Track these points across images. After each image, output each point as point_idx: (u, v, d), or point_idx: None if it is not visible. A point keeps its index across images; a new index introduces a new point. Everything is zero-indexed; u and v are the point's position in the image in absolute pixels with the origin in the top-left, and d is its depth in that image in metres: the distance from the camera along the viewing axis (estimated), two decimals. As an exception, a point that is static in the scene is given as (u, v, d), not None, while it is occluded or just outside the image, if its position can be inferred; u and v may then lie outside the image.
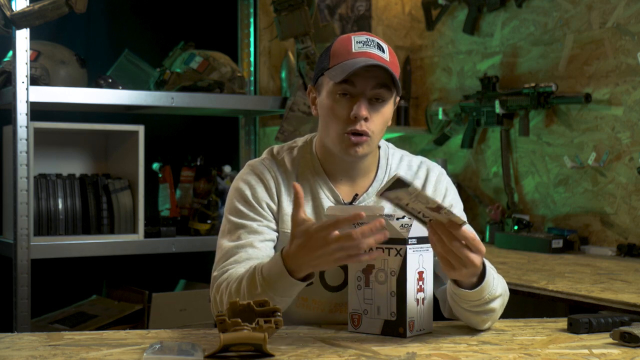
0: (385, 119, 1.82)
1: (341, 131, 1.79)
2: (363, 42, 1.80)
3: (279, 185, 1.86)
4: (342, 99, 1.79)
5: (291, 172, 1.88)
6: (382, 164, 1.91)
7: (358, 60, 1.76)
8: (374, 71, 1.77)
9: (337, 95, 1.80)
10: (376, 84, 1.78)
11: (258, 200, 1.85)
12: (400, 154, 1.95)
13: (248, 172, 1.89)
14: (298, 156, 1.90)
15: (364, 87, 1.78)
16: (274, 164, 1.89)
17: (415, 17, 4.09)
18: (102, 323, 3.08)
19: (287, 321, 1.85)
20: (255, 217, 1.84)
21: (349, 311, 1.76)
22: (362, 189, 1.89)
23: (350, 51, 1.79)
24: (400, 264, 1.70)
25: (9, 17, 2.76)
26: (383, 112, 1.81)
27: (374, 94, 1.79)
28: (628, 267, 2.75)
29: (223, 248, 1.83)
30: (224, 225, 1.87)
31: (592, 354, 1.59)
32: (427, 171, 1.92)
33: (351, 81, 1.77)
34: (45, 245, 2.91)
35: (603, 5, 3.23)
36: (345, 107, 1.79)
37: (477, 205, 3.72)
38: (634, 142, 3.11)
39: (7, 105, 2.90)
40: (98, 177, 3.14)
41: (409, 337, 1.70)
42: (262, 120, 3.80)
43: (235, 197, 1.86)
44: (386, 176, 1.90)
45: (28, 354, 1.55)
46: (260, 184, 1.86)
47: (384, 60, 1.78)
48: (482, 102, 3.59)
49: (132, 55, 3.32)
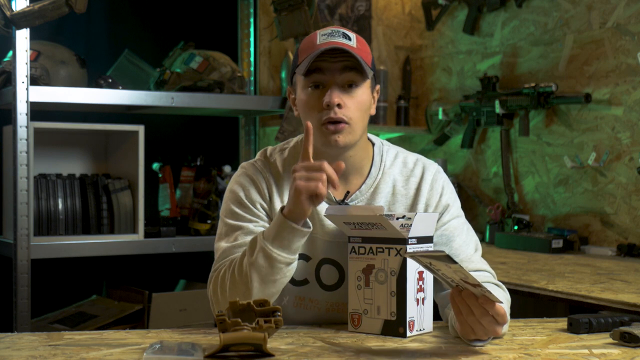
0: (362, 105, 1.81)
1: (318, 123, 1.79)
2: (328, 34, 1.81)
3: (271, 186, 1.87)
4: (315, 91, 1.80)
5: (282, 173, 1.88)
6: (377, 161, 1.90)
7: (321, 48, 1.77)
8: (340, 57, 1.77)
9: (309, 88, 1.81)
10: (343, 67, 1.78)
11: (252, 201, 1.86)
12: (395, 151, 1.94)
13: (241, 174, 1.90)
14: (289, 157, 1.90)
15: (333, 73, 1.78)
16: (265, 166, 1.90)
17: (415, 17, 4.09)
18: (102, 323, 3.08)
19: (285, 322, 1.85)
20: (251, 218, 1.85)
21: (349, 311, 1.77)
22: (355, 187, 1.88)
23: (315, 44, 1.80)
24: (400, 263, 1.70)
25: (9, 17, 2.76)
26: (358, 97, 1.80)
27: (344, 80, 1.79)
28: (628, 267, 2.75)
29: (220, 249, 1.84)
30: (221, 228, 1.88)
31: (592, 354, 1.59)
32: (423, 169, 1.90)
33: (319, 70, 1.79)
34: (45, 245, 2.91)
35: (603, 5, 3.23)
36: (318, 98, 1.80)
37: (477, 205, 3.72)
38: (634, 142, 3.11)
39: (7, 105, 2.90)
40: (98, 177, 3.14)
41: (409, 337, 1.70)
42: (262, 120, 3.80)
43: (230, 200, 1.88)
44: (380, 173, 1.89)
45: (28, 354, 1.55)
46: (252, 185, 1.87)
47: (349, 46, 1.78)
48: (482, 102, 3.59)
49: (132, 55, 3.32)
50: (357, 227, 1.74)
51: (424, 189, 1.88)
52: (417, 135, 4.02)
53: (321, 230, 1.85)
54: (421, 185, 1.88)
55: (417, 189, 1.88)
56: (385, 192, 1.87)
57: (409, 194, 1.88)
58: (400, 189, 1.88)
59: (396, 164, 1.91)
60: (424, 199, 1.87)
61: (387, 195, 1.87)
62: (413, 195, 1.87)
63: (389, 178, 1.88)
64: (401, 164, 1.91)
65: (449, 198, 1.89)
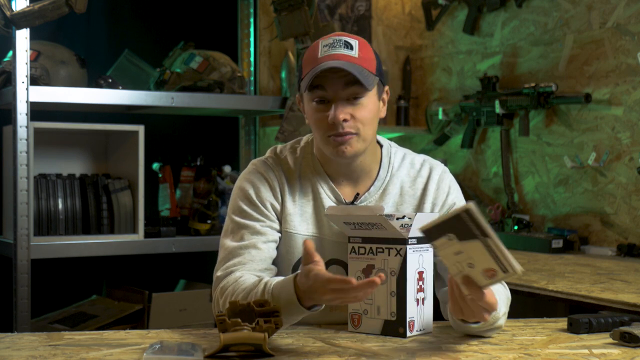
0: (369, 115, 1.81)
1: (324, 136, 1.80)
2: (329, 45, 1.79)
3: (283, 184, 1.87)
4: (320, 106, 1.80)
5: (294, 171, 1.88)
6: (385, 163, 1.91)
7: (321, 65, 1.76)
8: (341, 72, 1.76)
9: (314, 103, 1.80)
10: (345, 83, 1.77)
11: (262, 199, 1.85)
12: (402, 153, 1.95)
13: (252, 171, 1.89)
14: (300, 156, 1.91)
15: (336, 89, 1.77)
16: (277, 163, 1.89)
17: (415, 17, 4.09)
18: (102, 323, 3.08)
19: (286, 321, 1.85)
20: (259, 217, 1.84)
21: (349, 311, 1.77)
22: (364, 188, 1.89)
23: (317, 57, 1.79)
24: (400, 264, 1.70)
25: (9, 17, 2.76)
26: (364, 109, 1.80)
27: (349, 94, 1.78)
28: (628, 267, 2.75)
29: (226, 248, 1.83)
30: (227, 224, 1.87)
31: (592, 354, 1.59)
32: (430, 170, 1.92)
33: (322, 86, 1.78)
34: (45, 245, 2.91)
35: (603, 5, 3.23)
36: (323, 113, 1.79)
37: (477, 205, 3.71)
38: (634, 142, 3.11)
39: (7, 105, 2.90)
40: (98, 177, 3.14)
41: (409, 337, 1.70)
42: (262, 120, 3.80)
43: (239, 197, 1.87)
44: (388, 175, 1.90)
45: (28, 354, 1.55)
46: (264, 183, 1.86)
47: (350, 58, 1.77)
48: (482, 102, 3.59)
49: (132, 55, 3.32)
50: (357, 227, 1.74)
51: (431, 188, 1.89)
52: (417, 135, 4.02)
53: (329, 231, 1.85)
54: (428, 185, 1.89)
55: (424, 189, 1.89)
56: (394, 193, 1.89)
57: (416, 194, 1.89)
58: (407, 189, 1.90)
59: (404, 165, 1.92)
60: (430, 199, 1.88)
61: (395, 196, 1.88)
62: (420, 195, 1.89)
63: (397, 179, 1.90)
64: (409, 165, 1.92)
65: (456, 197, 1.91)
